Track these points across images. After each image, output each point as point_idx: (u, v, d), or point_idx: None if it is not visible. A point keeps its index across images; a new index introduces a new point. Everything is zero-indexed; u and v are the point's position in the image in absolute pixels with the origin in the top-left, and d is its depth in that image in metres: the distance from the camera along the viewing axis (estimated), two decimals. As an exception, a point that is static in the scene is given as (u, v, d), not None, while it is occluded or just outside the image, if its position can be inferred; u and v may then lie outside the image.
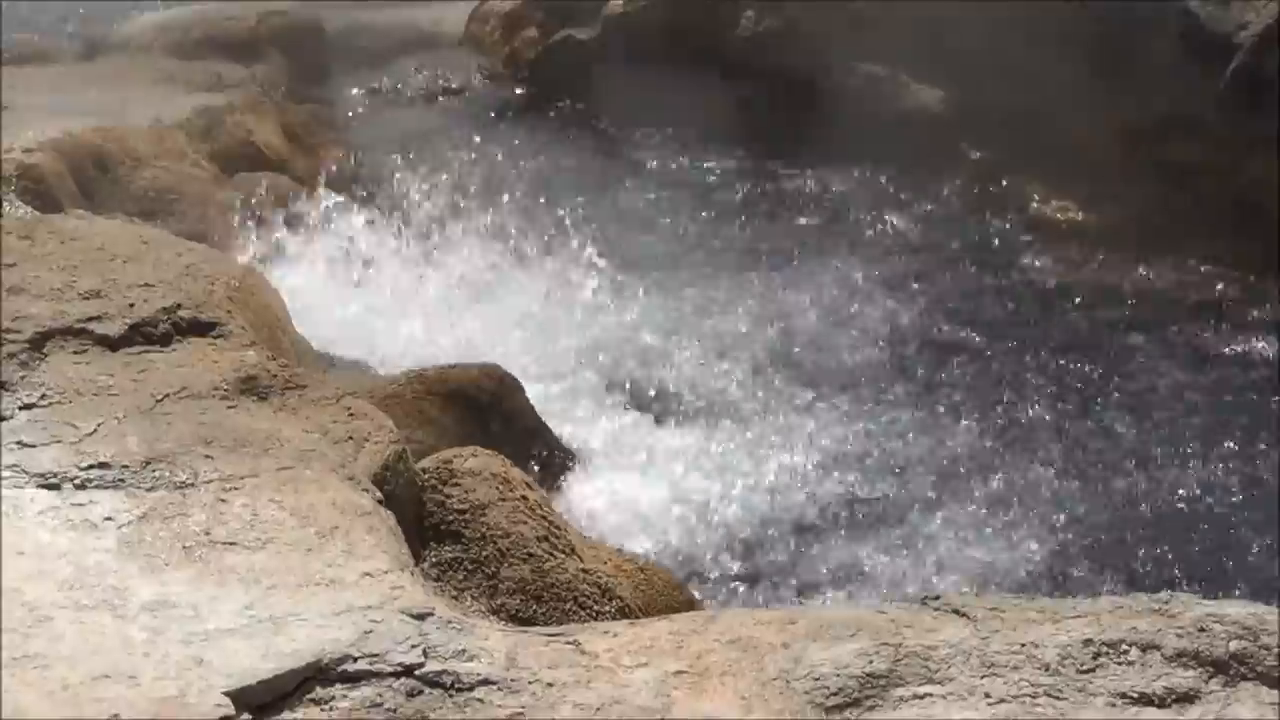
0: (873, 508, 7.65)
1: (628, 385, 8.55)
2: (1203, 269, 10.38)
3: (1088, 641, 3.57)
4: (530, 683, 3.54)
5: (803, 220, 11.85)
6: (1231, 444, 8.29)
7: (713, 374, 8.77)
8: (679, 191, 12.39)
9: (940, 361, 9.30)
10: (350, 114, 13.86)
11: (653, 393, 8.54)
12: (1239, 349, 9.45)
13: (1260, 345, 9.43)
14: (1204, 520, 7.64)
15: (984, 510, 7.63)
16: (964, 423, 8.52)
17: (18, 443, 4.44)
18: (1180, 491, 7.88)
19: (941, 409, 8.69)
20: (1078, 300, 10.20)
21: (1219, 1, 10.43)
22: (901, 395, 8.87)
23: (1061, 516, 7.62)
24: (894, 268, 10.74)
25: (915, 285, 10.41)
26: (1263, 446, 8.26)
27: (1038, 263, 10.86)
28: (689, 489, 7.57)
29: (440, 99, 14.77)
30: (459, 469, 4.99)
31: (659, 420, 8.25)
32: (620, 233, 10.97)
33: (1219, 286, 10.18)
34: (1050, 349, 9.45)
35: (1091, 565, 7.23)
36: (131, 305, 5.39)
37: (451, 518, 4.85)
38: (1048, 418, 8.60)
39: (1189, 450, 8.26)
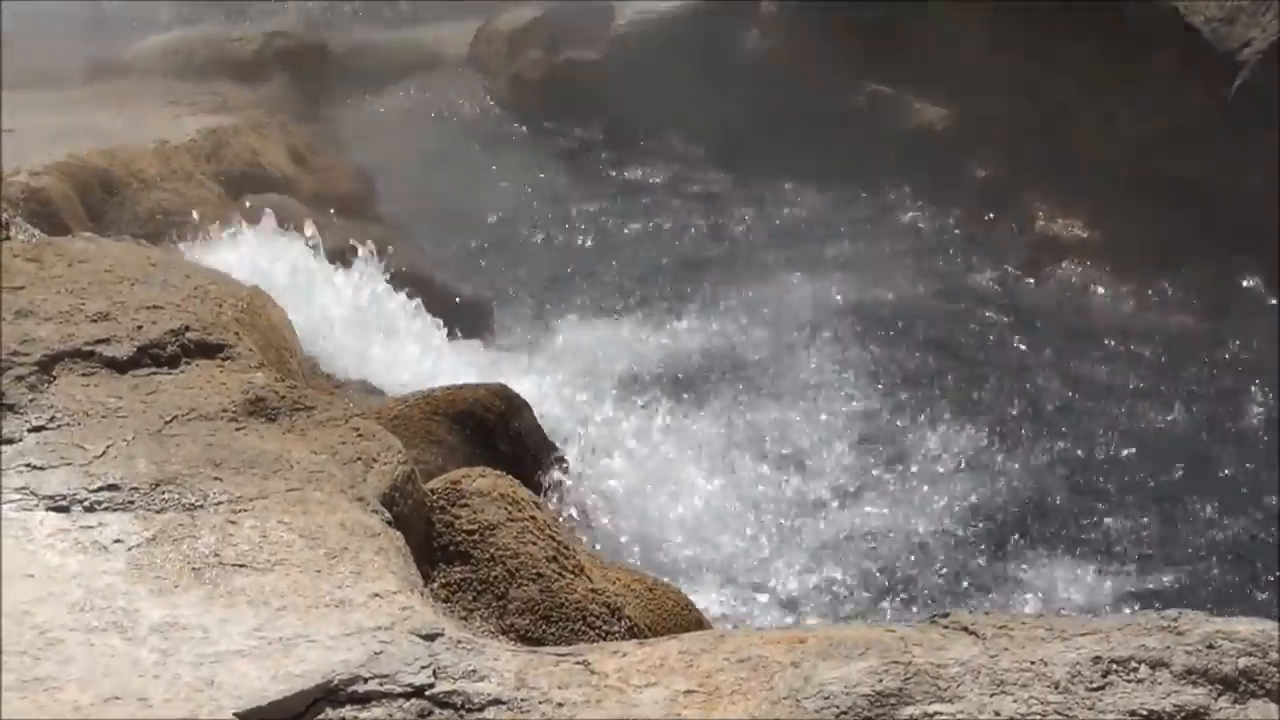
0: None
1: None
2: (1208, 286, 10.39)
3: (1097, 659, 3.56)
4: (540, 703, 3.54)
5: (805, 237, 11.90)
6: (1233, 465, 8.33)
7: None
8: (675, 212, 12.48)
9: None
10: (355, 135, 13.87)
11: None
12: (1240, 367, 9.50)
13: (1261, 360, 9.46)
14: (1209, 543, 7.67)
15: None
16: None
17: (27, 465, 4.44)
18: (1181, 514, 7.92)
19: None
20: (1082, 320, 10.24)
21: (1223, 19, 10.44)
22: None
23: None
24: (895, 285, 10.78)
25: (916, 304, 10.47)
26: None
27: (1042, 280, 10.90)
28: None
29: (445, 120, 14.80)
30: (467, 489, 4.99)
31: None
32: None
33: (1222, 303, 10.20)
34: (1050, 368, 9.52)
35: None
36: (140, 327, 5.40)
37: (460, 538, 4.85)
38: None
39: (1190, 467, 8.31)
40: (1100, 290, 10.69)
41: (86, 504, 4.27)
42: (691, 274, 11.17)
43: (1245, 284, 10.18)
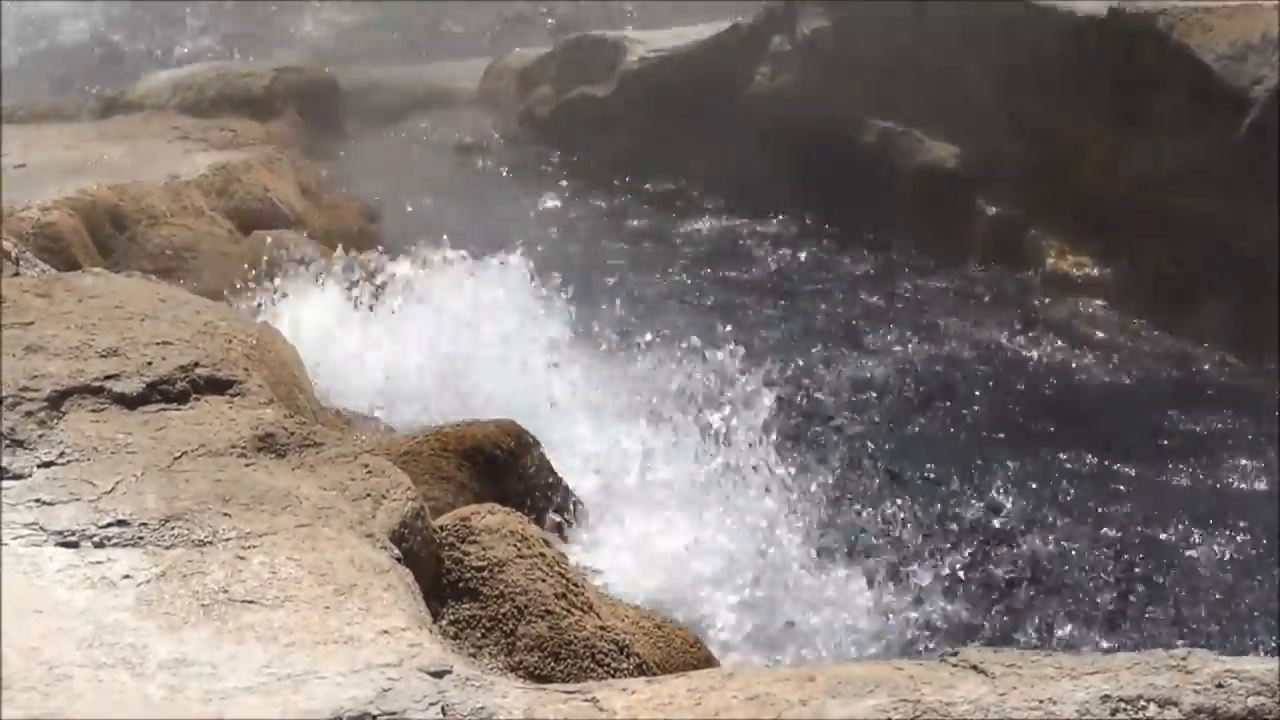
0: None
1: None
2: (1220, 324, 10.38)
3: (1105, 698, 3.55)
4: (548, 740, 3.54)
5: (817, 276, 11.90)
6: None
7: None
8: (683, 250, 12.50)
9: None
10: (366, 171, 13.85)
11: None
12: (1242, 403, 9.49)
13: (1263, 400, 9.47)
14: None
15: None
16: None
17: (36, 501, 4.45)
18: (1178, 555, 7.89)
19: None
20: (1091, 357, 10.25)
21: (1234, 56, 10.44)
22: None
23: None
24: (905, 326, 10.78)
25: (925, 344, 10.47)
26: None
27: (1052, 317, 10.91)
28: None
29: (454, 157, 14.79)
30: (477, 526, 4.99)
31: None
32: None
33: (1234, 341, 10.20)
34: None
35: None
36: (149, 363, 5.41)
37: (469, 575, 4.85)
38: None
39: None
40: (1110, 328, 10.68)
41: (96, 540, 4.27)
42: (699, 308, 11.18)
43: (1257, 322, 10.15)
